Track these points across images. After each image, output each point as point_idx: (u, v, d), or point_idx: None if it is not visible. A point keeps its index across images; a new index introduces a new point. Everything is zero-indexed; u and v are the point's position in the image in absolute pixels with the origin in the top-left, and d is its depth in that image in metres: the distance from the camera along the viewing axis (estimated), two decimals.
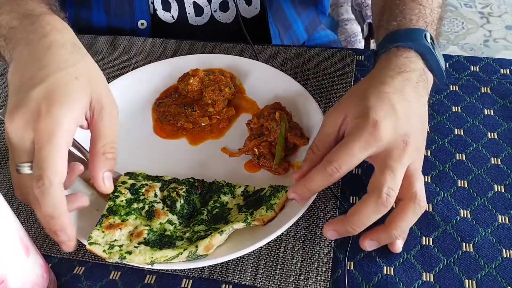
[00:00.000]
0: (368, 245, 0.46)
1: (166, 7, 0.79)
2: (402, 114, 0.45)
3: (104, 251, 0.45)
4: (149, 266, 0.45)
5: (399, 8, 0.58)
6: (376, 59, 0.54)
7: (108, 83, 0.62)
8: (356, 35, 1.08)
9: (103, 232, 0.46)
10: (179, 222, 0.49)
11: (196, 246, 0.45)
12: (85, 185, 0.53)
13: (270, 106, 0.58)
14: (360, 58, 0.67)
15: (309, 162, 0.47)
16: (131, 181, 0.51)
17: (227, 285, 0.46)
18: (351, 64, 0.66)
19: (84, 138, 0.48)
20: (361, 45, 1.05)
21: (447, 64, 0.65)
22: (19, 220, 0.42)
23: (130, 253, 0.45)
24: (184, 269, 0.47)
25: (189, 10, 0.79)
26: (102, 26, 0.80)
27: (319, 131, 0.48)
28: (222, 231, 0.46)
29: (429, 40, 0.53)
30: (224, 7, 0.80)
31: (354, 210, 0.43)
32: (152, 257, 0.44)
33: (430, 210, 0.51)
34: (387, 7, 0.60)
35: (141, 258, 0.44)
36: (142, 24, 0.79)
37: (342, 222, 0.44)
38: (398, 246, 0.48)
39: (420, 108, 0.48)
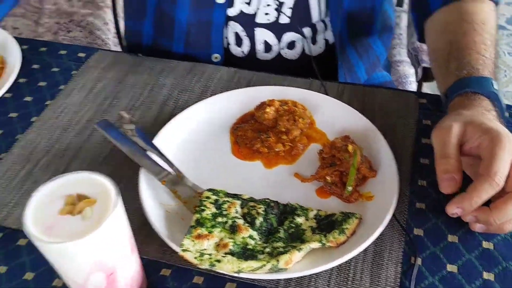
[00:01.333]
0: (457, 212, 0.52)
1: (239, 43, 0.86)
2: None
3: (195, 258, 0.50)
4: (236, 274, 0.50)
5: (466, 59, 0.64)
6: (449, 100, 0.61)
7: (189, 105, 0.69)
8: (407, 76, 1.13)
9: (193, 241, 0.52)
10: (259, 237, 0.53)
11: (277, 260, 0.50)
12: (170, 195, 0.59)
13: (341, 138, 0.63)
14: (423, 102, 0.72)
15: (449, 172, 0.52)
16: (214, 197, 0.57)
17: None
18: (414, 107, 0.71)
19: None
20: (411, 86, 1.10)
21: (508, 113, 0.69)
22: None
23: (219, 261, 0.50)
24: (263, 279, 0.51)
25: (259, 47, 0.86)
26: (180, 54, 0.87)
27: (444, 146, 0.54)
28: (300, 248, 0.51)
29: (495, 87, 0.59)
30: (291, 45, 0.86)
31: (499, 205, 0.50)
32: (239, 267, 0.49)
33: (492, 248, 0.55)
34: (453, 57, 0.66)
35: (229, 267, 0.49)
36: (216, 57, 0.86)
37: (465, 200, 0.51)
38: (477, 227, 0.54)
39: None
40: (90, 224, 0.42)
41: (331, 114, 0.68)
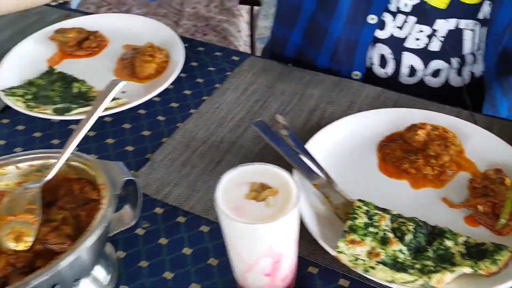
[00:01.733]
0: None
1: (383, 64, 0.88)
2: None
3: (350, 261, 0.53)
4: (387, 284, 0.52)
5: None
6: None
7: (335, 117, 0.72)
8: None
9: (347, 245, 0.54)
10: (408, 253, 0.55)
11: (429, 277, 0.51)
12: (321, 199, 0.62)
13: (493, 171, 0.63)
14: None
15: None
16: (365, 207, 0.59)
17: None
18: None
19: None
20: None
21: None
22: None
23: (372, 268, 0.52)
24: None
25: (404, 71, 0.88)
26: (323, 67, 0.91)
27: None
28: (452, 270, 0.52)
29: None
30: (436, 73, 0.87)
31: None
32: (392, 277, 0.51)
33: None
34: None
35: (382, 275, 0.52)
36: (356, 75, 0.89)
37: None
38: None
39: None
40: (273, 212, 0.46)
41: (481, 144, 0.68)
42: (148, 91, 0.80)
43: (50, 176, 0.55)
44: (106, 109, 0.74)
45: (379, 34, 0.86)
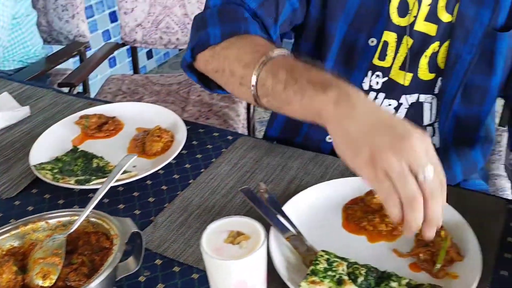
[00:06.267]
0: None
1: None
2: None
3: None
4: None
5: None
6: None
7: (311, 185, 0.87)
8: (504, 189, 1.23)
9: (308, 284, 0.67)
10: None
11: None
12: (292, 250, 0.75)
13: None
14: (510, 207, 0.83)
15: None
16: (326, 256, 0.72)
17: None
18: (503, 211, 0.82)
19: None
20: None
21: None
22: None
23: None
24: None
25: None
26: (300, 143, 1.07)
27: None
28: None
29: None
30: None
31: None
32: None
33: None
34: None
35: None
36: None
37: None
38: None
39: None
40: (245, 252, 0.59)
41: None
42: (155, 166, 0.96)
43: (73, 228, 0.70)
44: (119, 180, 0.90)
45: None
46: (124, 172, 0.93)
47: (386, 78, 0.99)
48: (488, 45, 0.92)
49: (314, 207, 0.84)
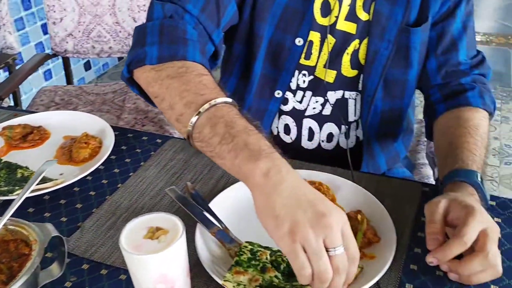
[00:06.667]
0: (433, 261, 0.69)
1: (287, 131, 1.07)
2: (485, 211, 0.70)
3: (234, 286, 0.67)
4: None
5: (459, 156, 0.82)
6: (443, 186, 0.80)
7: (237, 181, 0.89)
8: (428, 177, 1.29)
9: (233, 275, 0.69)
10: (282, 278, 0.70)
11: None
12: (218, 244, 0.77)
13: (354, 211, 0.80)
14: (425, 190, 0.88)
15: (435, 234, 0.70)
16: (250, 247, 0.74)
17: None
18: (418, 193, 0.87)
19: None
20: None
21: (494, 202, 0.85)
22: None
23: None
24: None
25: (304, 133, 1.07)
26: None
27: (432, 215, 0.72)
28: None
29: (479, 179, 0.76)
30: (329, 138, 1.07)
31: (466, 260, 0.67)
32: None
33: None
34: (450, 154, 0.84)
35: None
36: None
37: (439, 252, 0.68)
38: (451, 276, 0.70)
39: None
40: (163, 246, 0.60)
41: (349, 193, 0.86)
42: (82, 172, 0.95)
43: None
44: (45, 188, 0.89)
45: (283, 108, 1.06)
46: (50, 180, 0.92)
47: (312, 77, 1.03)
48: (403, 41, 0.98)
49: (241, 201, 0.86)
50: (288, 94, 1.05)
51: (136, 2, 1.80)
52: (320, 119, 1.06)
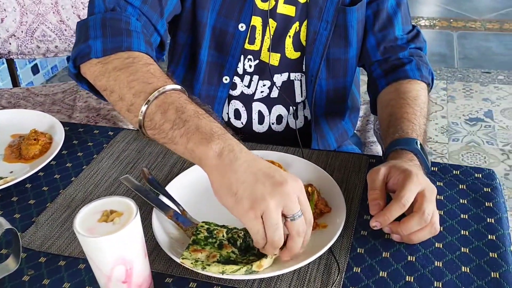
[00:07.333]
0: (376, 225, 0.73)
1: (238, 116, 1.09)
2: (422, 174, 0.75)
3: (191, 263, 0.68)
4: (221, 276, 0.67)
5: (400, 126, 0.86)
6: (386, 155, 0.83)
7: (193, 165, 0.90)
8: (379, 154, 1.35)
9: (190, 253, 0.70)
10: (239, 253, 0.72)
11: (251, 265, 0.68)
12: (175, 226, 0.78)
13: (305, 184, 0.83)
14: (372, 161, 0.93)
15: (376, 199, 0.73)
16: (206, 226, 0.76)
17: None
18: (365, 165, 0.91)
19: None
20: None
21: (436, 168, 0.90)
22: None
23: (208, 265, 0.68)
24: (241, 280, 0.69)
25: (254, 117, 1.09)
26: None
27: (373, 182, 0.76)
28: (267, 256, 0.69)
29: (419, 145, 0.80)
30: (279, 120, 1.09)
31: (405, 221, 0.71)
32: (223, 268, 0.67)
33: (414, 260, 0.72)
34: (391, 125, 0.88)
35: (215, 269, 0.67)
36: None
37: (380, 216, 0.72)
38: (394, 237, 0.74)
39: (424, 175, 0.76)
40: (117, 227, 0.61)
41: (299, 169, 0.89)
42: (33, 169, 0.94)
43: None
44: None
45: (232, 93, 1.08)
46: (0, 179, 0.91)
47: (257, 61, 1.05)
48: (341, 20, 1.01)
49: (197, 183, 0.87)
50: (236, 79, 1.07)
51: None
52: (269, 102, 1.08)
